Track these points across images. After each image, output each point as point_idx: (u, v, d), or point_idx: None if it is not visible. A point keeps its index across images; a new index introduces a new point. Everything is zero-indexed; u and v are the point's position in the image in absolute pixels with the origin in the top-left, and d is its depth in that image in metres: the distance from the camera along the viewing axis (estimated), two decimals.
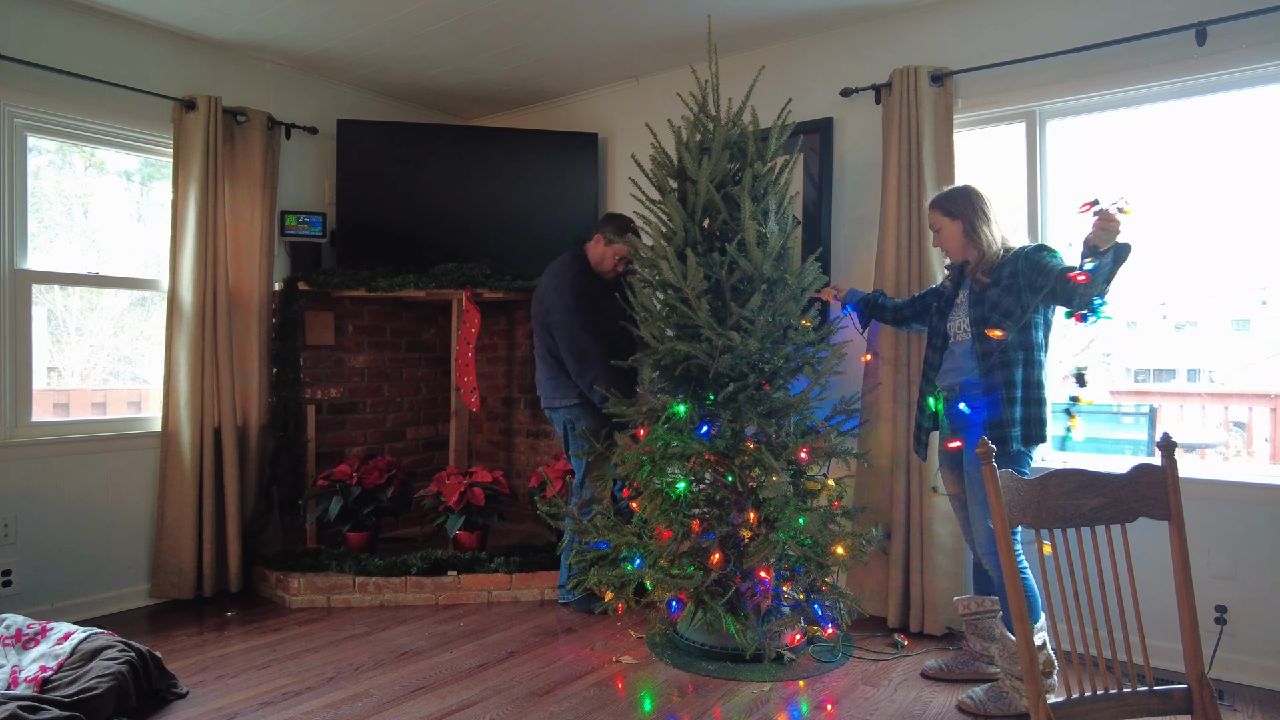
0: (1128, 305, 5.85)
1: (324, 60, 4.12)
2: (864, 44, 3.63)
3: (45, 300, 3.68)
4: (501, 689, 2.76)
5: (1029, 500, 1.65)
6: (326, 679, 2.84)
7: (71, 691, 2.40)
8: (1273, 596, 2.79)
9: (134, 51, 3.64)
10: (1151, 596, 2.73)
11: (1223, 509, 2.87)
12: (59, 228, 3.64)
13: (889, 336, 3.36)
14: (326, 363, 4.34)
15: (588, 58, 4.08)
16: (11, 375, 3.34)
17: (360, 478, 3.92)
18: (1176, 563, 1.66)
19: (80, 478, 3.50)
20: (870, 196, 3.58)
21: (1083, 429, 2.94)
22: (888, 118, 3.40)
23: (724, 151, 3.02)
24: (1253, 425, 5.11)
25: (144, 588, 3.70)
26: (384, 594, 3.67)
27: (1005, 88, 3.26)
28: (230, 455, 3.76)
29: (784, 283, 3.03)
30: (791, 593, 2.99)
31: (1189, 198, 3.46)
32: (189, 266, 3.66)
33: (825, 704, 2.67)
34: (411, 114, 4.80)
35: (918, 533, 3.27)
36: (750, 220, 2.88)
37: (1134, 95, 3.07)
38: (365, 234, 4.24)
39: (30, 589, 3.35)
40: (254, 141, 3.90)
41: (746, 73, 3.50)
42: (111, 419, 3.72)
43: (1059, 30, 3.14)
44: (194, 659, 3.03)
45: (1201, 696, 1.60)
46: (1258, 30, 2.77)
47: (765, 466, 2.82)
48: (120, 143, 3.69)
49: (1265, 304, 6.30)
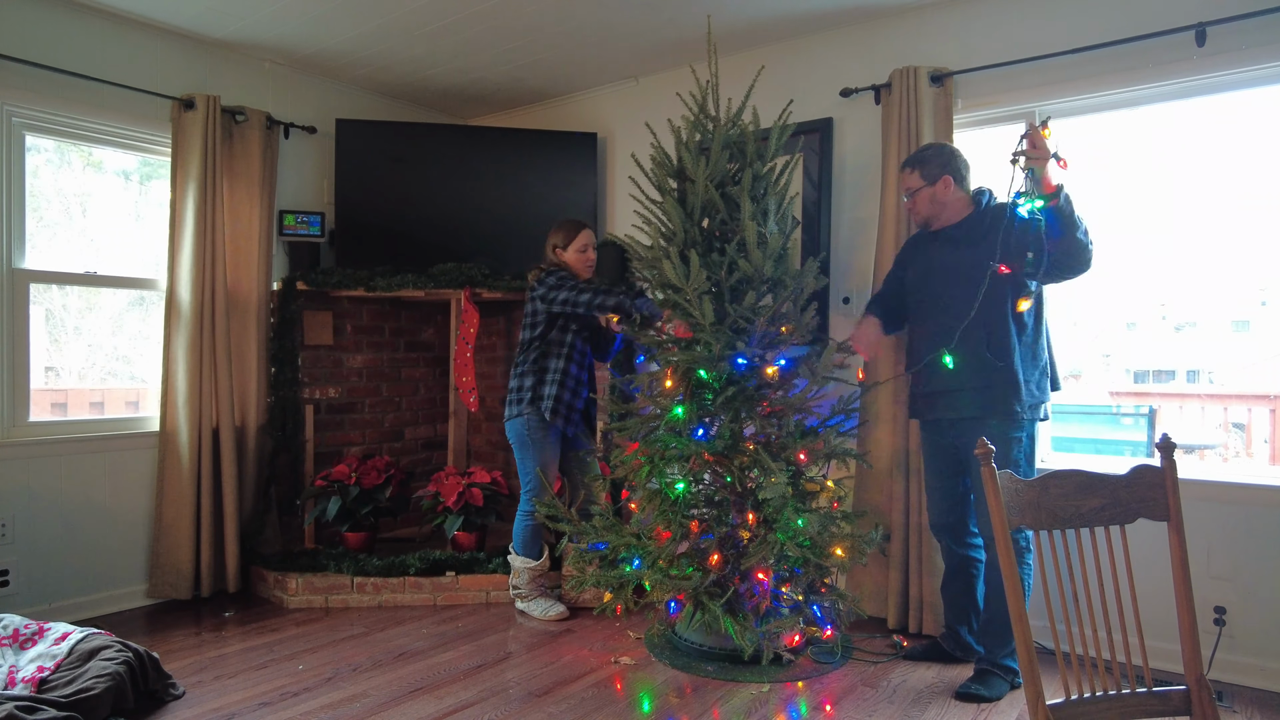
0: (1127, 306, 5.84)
1: (323, 59, 4.11)
2: (864, 44, 3.62)
3: (43, 299, 3.67)
4: (500, 689, 2.75)
5: (1029, 501, 1.65)
6: (325, 679, 2.84)
7: (69, 692, 2.39)
8: (1272, 598, 2.79)
9: (132, 50, 3.63)
10: (1151, 597, 2.72)
11: (1222, 510, 2.86)
12: (57, 227, 3.64)
13: (888, 338, 3.34)
14: (325, 362, 4.33)
15: (587, 57, 4.07)
16: (9, 374, 3.33)
17: (358, 478, 3.91)
18: (1175, 564, 1.66)
19: (78, 477, 3.50)
20: (870, 197, 3.58)
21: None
22: (887, 118, 3.40)
23: (724, 152, 3.02)
24: (1252, 426, 5.11)
25: (142, 588, 3.69)
26: (382, 594, 3.66)
27: (1005, 88, 3.26)
28: (228, 455, 3.75)
29: (784, 283, 3.03)
30: (790, 594, 2.99)
31: (1189, 198, 3.46)
32: (187, 266, 3.65)
33: (824, 705, 2.67)
34: (410, 113, 4.80)
35: (917, 534, 3.26)
36: (750, 221, 2.87)
37: (1134, 96, 3.07)
38: (364, 233, 4.24)
39: (28, 589, 3.34)
40: (252, 141, 3.90)
41: (746, 73, 3.50)
42: (109, 418, 3.71)
43: (1059, 31, 3.14)
44: (192, 659, 3.02)
45: (1200, 698, 1.60)
46: (1257, 31, 2.77)
47: (764, 467, 2.82)
48: (119, 142, 3.68)
49: (1265, 305, 6.30)
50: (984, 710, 2.63)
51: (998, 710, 2.62)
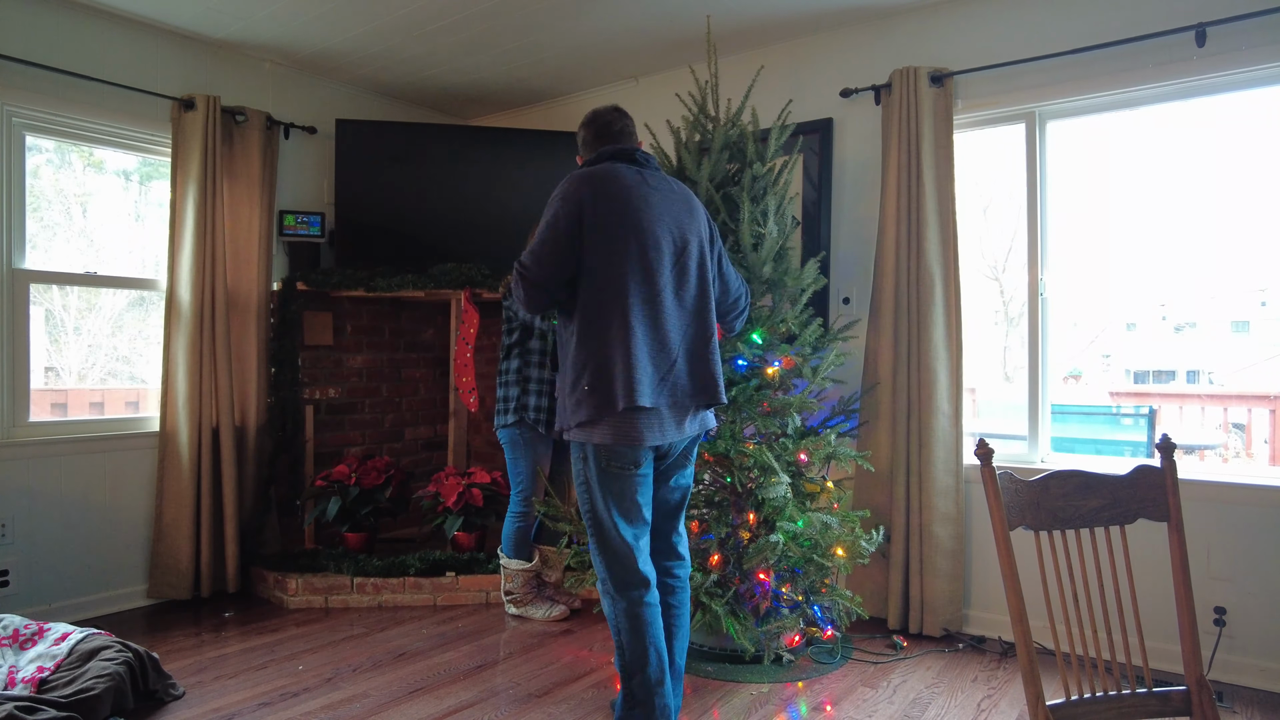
0: (1128, 306, 5.85)
1: (323, 60, 4.11)
2: (864, 44, 3.62)
3: (43, 300, 3.68)
4: (500, 690, 2.75)
5: (1028, 501, 1.65)
6: (324, 680, 2.84)
7: (69, 692, 2.39)
8: (1272, 598, 2.79)
9: (132, 51, 3.63)
10: (1150, 598, 2.73)
11: (1222, 510, 2.86)
12: (57, 227, 3.64)
13: (888, 339, 3.35)
14: (325, 363, 4.33)
15: (587, 58, 4.07)
16: (9, 375, 3.33)
17: (358, 478, 3.91)
18: (1175, 564, 1.66)
19: (78, 478, 3.50)
20: (870, 197, 3.58)
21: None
22: (887, 118, 3.40)
23: (723, 152, 3.02)
24: (1252, 426, 5.11)
25: (141, 588, 3.69)
26: (382, 595, 3.66)
27: (1005, 89, 3.26)
28: (228, 455, 3.75)
29: (783, 284, 3.03)
30: (791, 594, 2.99)
31: (1189, 199, 3.46)
32: (187, 266, 3.65)
33: (824, 705, 2.67)
34: (410, 114, 4.80)
35: (917, 535, 3.26)
36: (750, 221, 2.87)
37: (1134, 96, 3.07)
38: (364, 234, 4.24)
39: (28, 589, 3.34)
40: (252, 141, 3.90)
41: (746, 73, 3.50)
42: (109, 419, 3.71)
43: (1059, 31, 3.14)
44: (191, 659, 3.02)
45: (1200, 698, 1.60)
46: (1257, 31, 2.77)
47: (765, 468, 2.82)
48: (119, 142, 3.68)
49: (1264, 305, 6.31)
50: (984, 710, 2.63)
51: (998, 710, 2.62)
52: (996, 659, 3.08)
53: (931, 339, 3.24)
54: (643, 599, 2.26)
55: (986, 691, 2.78)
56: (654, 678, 2.23)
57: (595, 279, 2.23)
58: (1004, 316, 4.57)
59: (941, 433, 3.24)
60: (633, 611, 2.25)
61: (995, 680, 2.87)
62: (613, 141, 2.45)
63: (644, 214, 2.27)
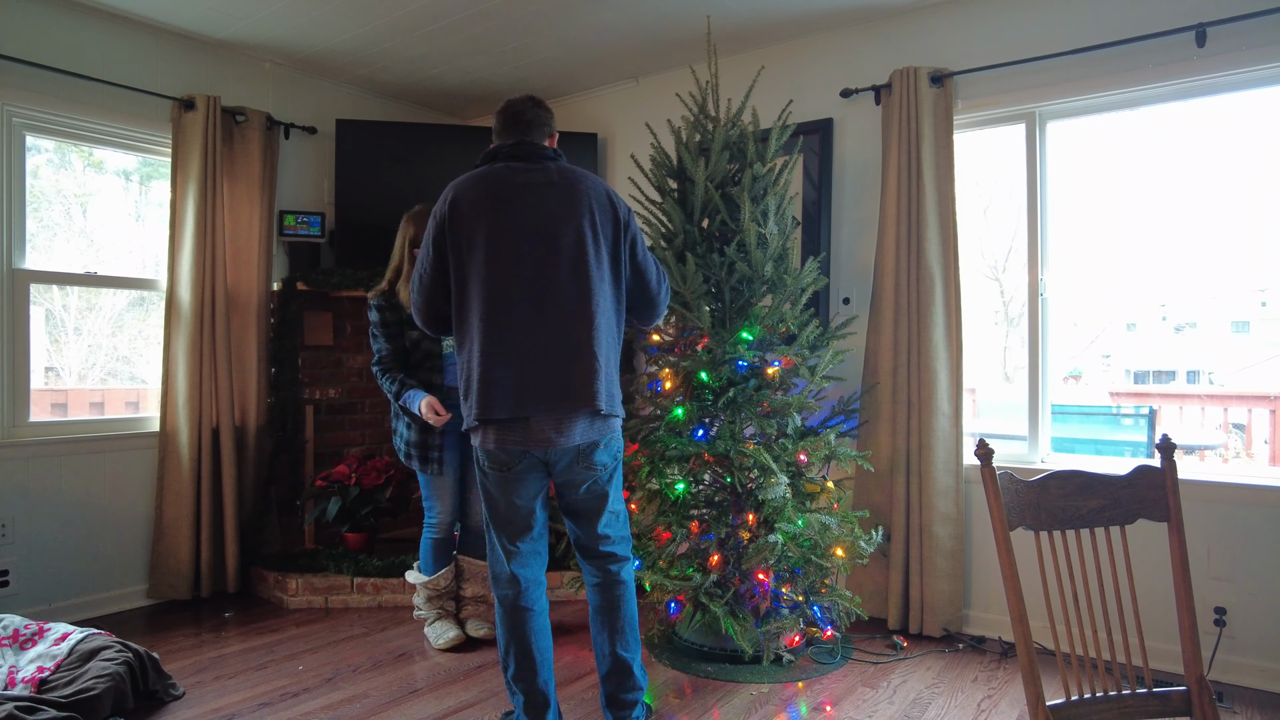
0: (1128, 307, 5.85)
1: (323, 60, 4.11)
2: (864, 44, 3.62)
3: (43, 300, 3.68)
4: (500, 690, 2.75)
5: (1028, 502, 1.65)
6: (325, 680, 2.84)
7: (69, 692, 2.40)
8: (1272, 598, 2.78)
9: (133, 51, 3.63)
10: (1151, 598, 2.73)
11: (1222, 511, 2.86)
12: (57, 227, 3.64)
13: (888, 339, 3.35)
14: (325, 363, 4.33)
15: (587, 58, 4.07)
16: (9, 375, 3.33)
17: (358, 478, 3.91)
18: (1176, 564, 1.66)
19: (78, 478, 3.50)
20: (870, 197, 3.58)
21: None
22: (887, 119, 3.40)
23: (723, 152, 3.02)
24: (1252, 427, 5.11)
25: (142, 588, 3.69)
26: (382, 595, 3.66)
27: (1005, 89, 3.26)
28: (228, 455, 3.75)
29: (783, 283, 3.03)
30: (790, 594, 2.99)
31: (1189, 199, 3.46)
32: (187, 266, 3.65)
33: (824, 705, 2.67)
34: (411, 114, 4.80)
35: (917, 535, 3.26)
36: (750, 222, 2.87)
37: (1134, 96, 3.07)
38: (364, 234, 4.23)
39: (28, 589, 3.34)
40: (253, 141, 3.90)
41: (746, 73, 3.50)
42: (109, 419, 3.71)
43: (1059, 31, 3.14)
44: (191, 660, 3.02)
45: (1200, 698, 1.60)
46: (1257, 32, 2.77)
47: (764, 468, 2.82)
48: (119, 142, 3.68)
49: (1264, 305, 6.31)
50: (984, 710, 2.63)
51: (998, 710, 2.62)
52: (996, 659, 3.08)
53: (931, 339, 3.24)
54: (512, 600, 2.28)
55: (986, 692, 2.78)
56: (512, 675, 2.28)
57: (459, 292, 2.20)
58: (1004, 316, 4.57)
59: (941, 433, 3.24)
60: (503, 608, 2.30)
61: (995, 680, 2.88)
62: (515, 135, 2.35)
63: (501, 216, 2.17)
